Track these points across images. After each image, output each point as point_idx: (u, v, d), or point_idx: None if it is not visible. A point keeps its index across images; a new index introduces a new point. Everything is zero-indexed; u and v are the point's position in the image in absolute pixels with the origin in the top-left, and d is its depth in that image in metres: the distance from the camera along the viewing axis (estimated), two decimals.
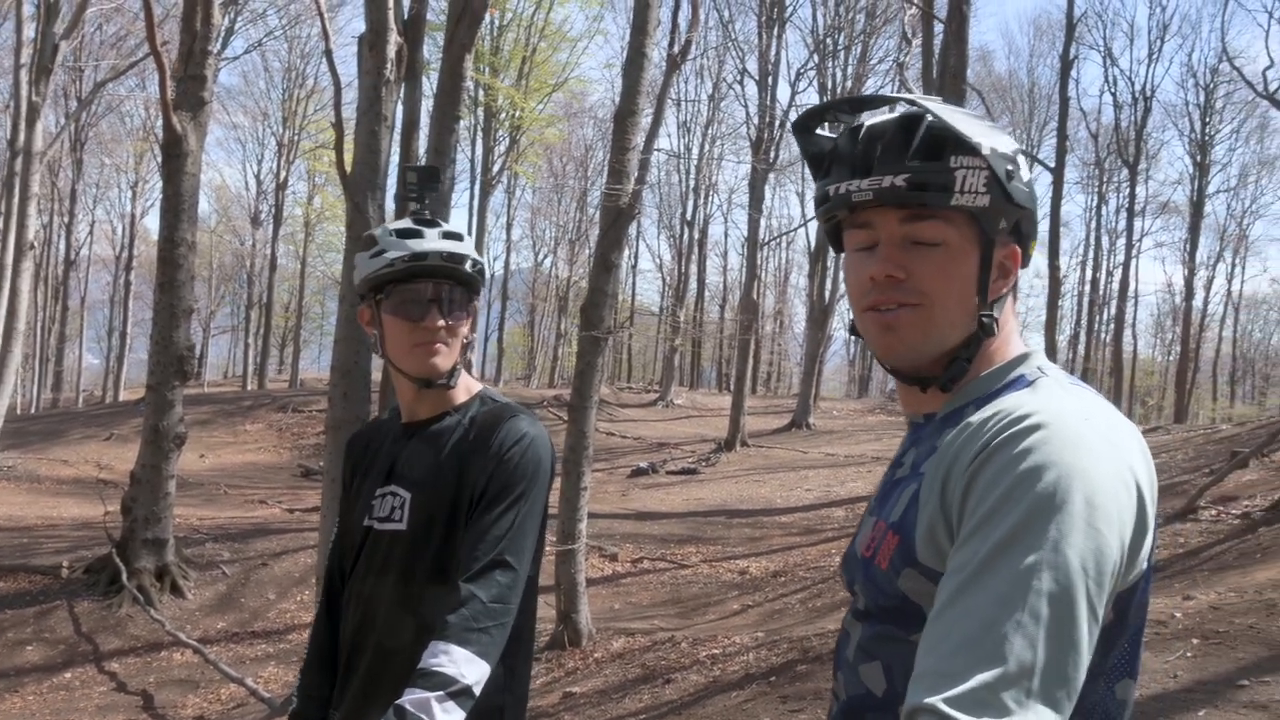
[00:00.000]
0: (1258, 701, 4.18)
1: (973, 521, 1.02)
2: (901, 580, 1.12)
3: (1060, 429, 1.03)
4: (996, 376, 1.20)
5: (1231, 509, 10.34)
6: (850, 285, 1.23)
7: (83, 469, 20.47)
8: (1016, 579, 0.96)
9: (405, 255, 1.90)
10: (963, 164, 1.15)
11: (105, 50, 29.36)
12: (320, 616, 2.10)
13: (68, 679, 9.09)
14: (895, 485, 1.21)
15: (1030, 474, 1.00)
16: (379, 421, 2.21)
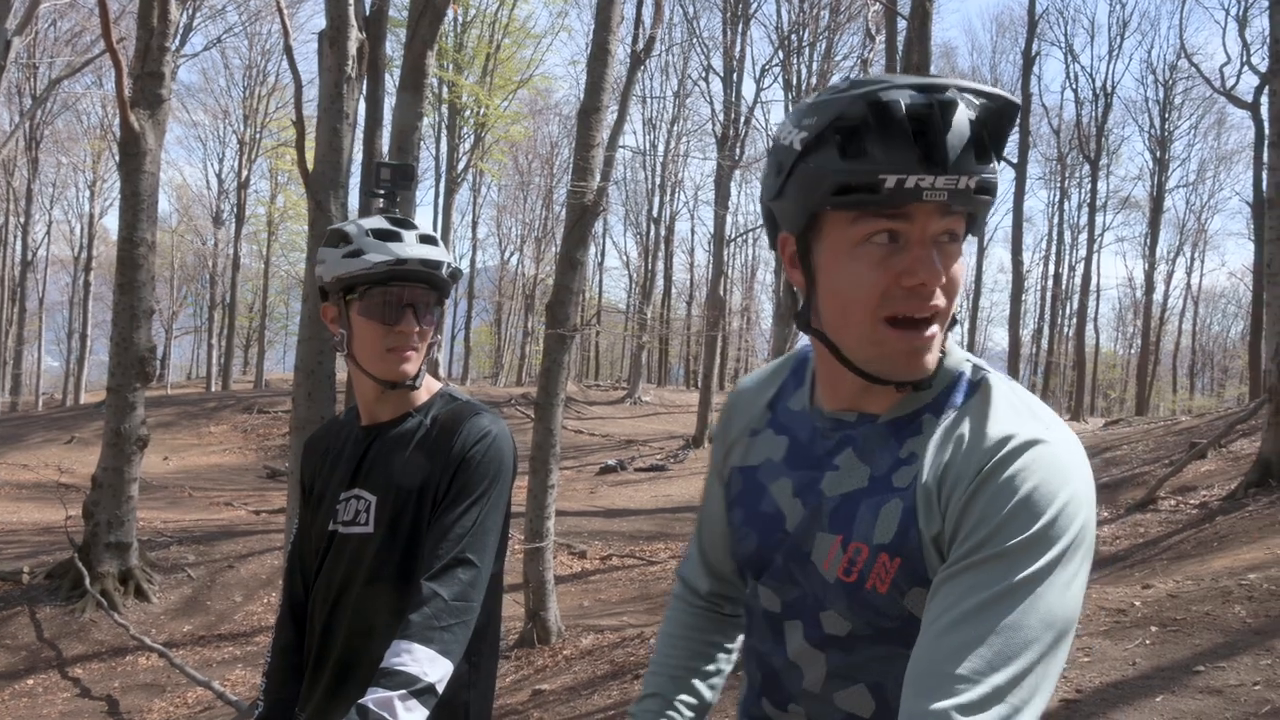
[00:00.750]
0: (1213, 687, 4.26)
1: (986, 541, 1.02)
2: (908, 599, 1.10)
3: (1063, 459, 1.04)
4: (941, 377, 1.15)
5: (1190, 499, 10.53)
6: (862, 284, 1.08)
7: (43, 473, 20.15)
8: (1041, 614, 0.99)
9: (390, 260, 1.87)
10: (988, 169, 1.07)
11: (60, 47, 28.88)
12: (283, 620, 2.09)
13: (30, 685, 8.96)
14: (854, 500, 1.15)
15: (1042, 501, 1.01)
16: (336, 422, 2.18)
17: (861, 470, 1.15)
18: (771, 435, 1.28)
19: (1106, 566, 8.98)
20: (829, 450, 1.19)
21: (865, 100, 1.03)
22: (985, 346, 52.63)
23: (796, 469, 1.22)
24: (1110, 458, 15.54)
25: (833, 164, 1.05)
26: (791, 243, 1.14)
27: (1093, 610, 5.83)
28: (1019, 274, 25.85)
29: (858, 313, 1.09)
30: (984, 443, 1.06)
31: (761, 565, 1.24)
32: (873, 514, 1.12)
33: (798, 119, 1.10)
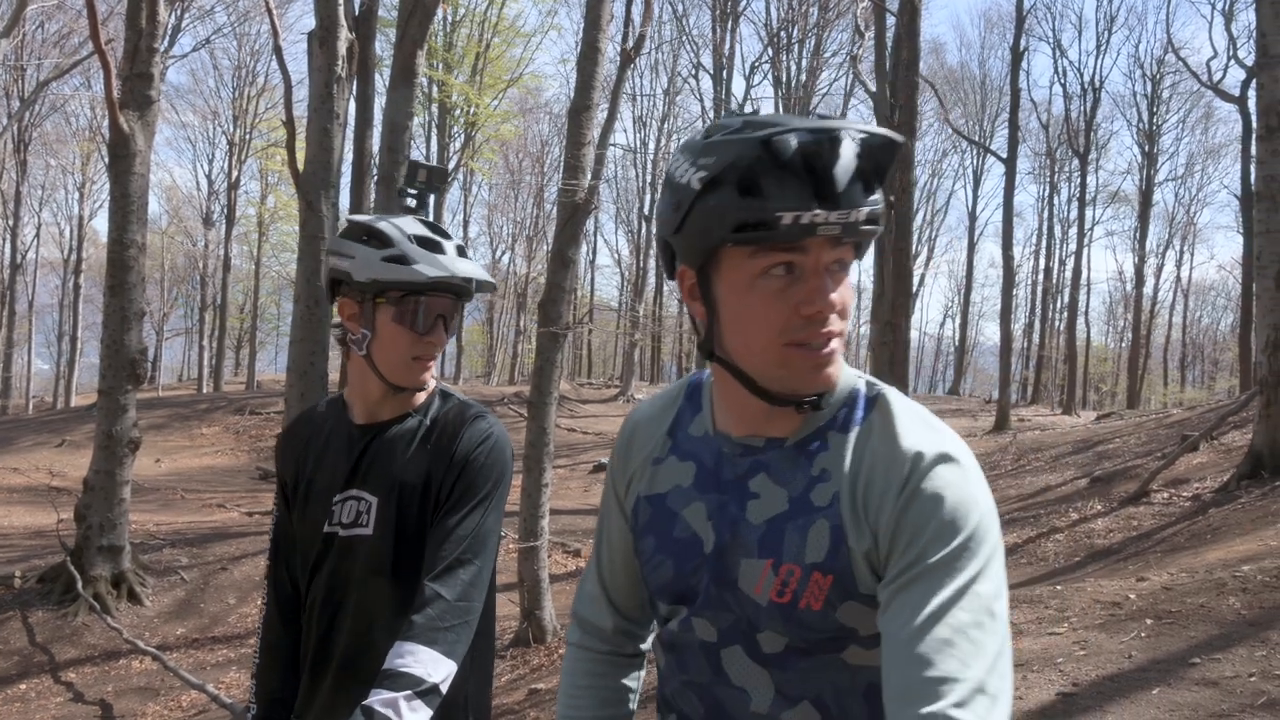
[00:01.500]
0: (1209, 679, 4.27)
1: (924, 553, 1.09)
2: (840, 613, 1.16)
3: (969, 470, 1.14)
4: (834, 400, 1.21)
5: (1183, 492, 10.56)
6: (764, 317, 1.14)
7: (34, 476, 20.06)
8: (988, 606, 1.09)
9: (445, 275, 1.85)
10: (874, 200, 1.12)
11: (48, 49, 28.74)
12: (271, 620, 2.05)
13: (23, 690, 8.92)
14: (779, 524, 1.19)
15: (963, 513, 1.10)
16: (312, 416, 2.12)
17: (780, 494, 1.20)
18: (676, 462, 1.31)
19: (1100, 560, 9.01)
20: (740, 475, 1.23)
21: (760, 142, 1.08)
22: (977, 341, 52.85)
23: (706, 493, 1.26)
24: (1102, 451, 15.59)
25: (732, 202, 1.10)
26: (690, 275, 1.19)
27: (1088, 604, 5.84)
28: (1009, 268, 25.86)
29: (761, 340, 1.15)
30: (899, 460, 1.13)
31: (680, 592, 1.27)
32: (801, 535, 1.17)
33: (693, 158, 1.14)
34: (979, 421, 25.43)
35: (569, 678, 1.48)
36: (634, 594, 1.42)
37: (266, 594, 2.08)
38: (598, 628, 1.47)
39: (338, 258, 1.92)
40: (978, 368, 56.05)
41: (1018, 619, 5.75)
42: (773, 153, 1.08)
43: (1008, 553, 10.34)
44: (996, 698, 1.04)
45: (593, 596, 1.47)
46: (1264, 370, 9.62)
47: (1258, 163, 10.09)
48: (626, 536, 1.38)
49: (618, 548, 1.41)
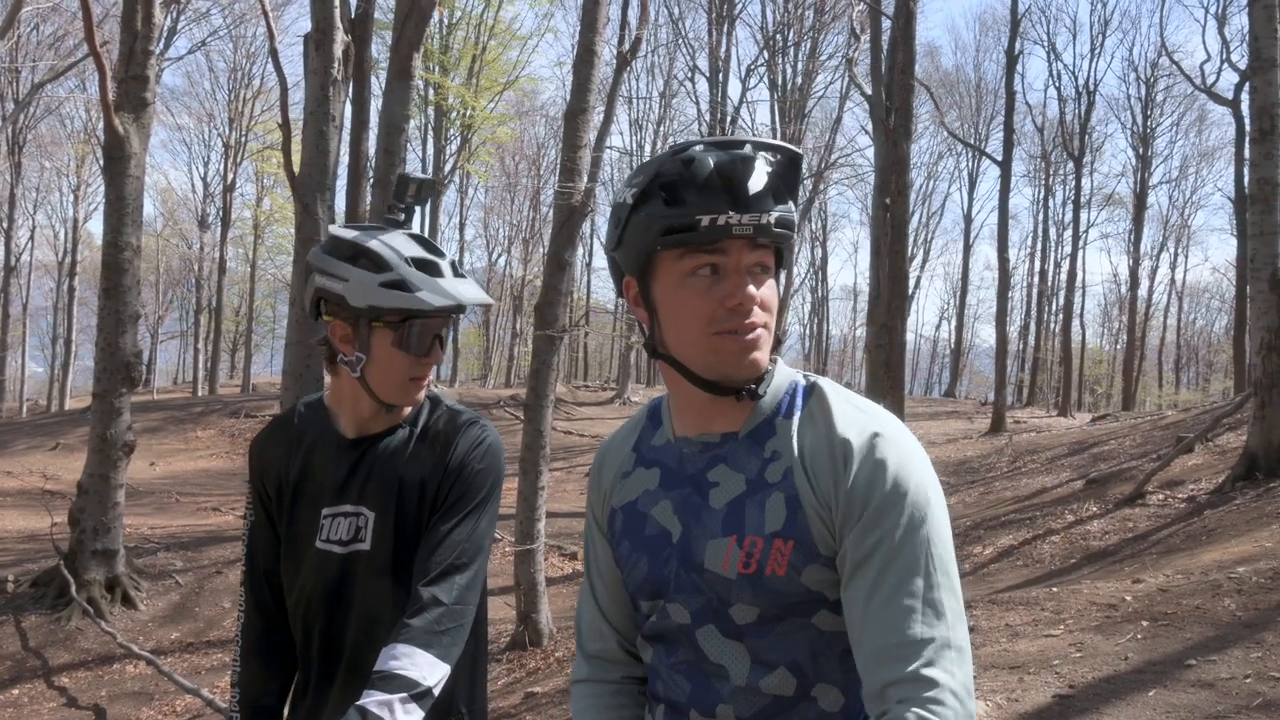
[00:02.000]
0: (1205, 680, 4.28)
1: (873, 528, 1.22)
2: (804, 576, 1.26)
3: (902, 443, 1.26)
4: (776, 391, 1.35)
5: (1178, 493, 10.57)
6: (694, 310, 1.28)
7: (28, 480, 20.00)
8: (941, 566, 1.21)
9: (450, 305, 1.82)
10: (785, 208, 1.28)
11: (43, 51, 28.67)
12: (251, 627, 2.02)
13: (16, 695, 8.89)
14: (739, 503, 1.30)
15: (903, 481, 1.23)
16: (290, 422, 2.05)
17: (737, 478, 1.32)
18: (642, 471, 1.42)
19: (1096, 562, 9.01)
20: (700, 469, 1.35)
21: (680, 159, 1.27)
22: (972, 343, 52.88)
23: (672, 490, 1.37)
24: (1098, 453, 15.61)
25: (659, 211, 1.27)
26: (634, 284, 1.35)
27: (1084, 605, 5.85)
28: (1005, 271, 25.91)
29: (693, 332, 1.29)
30: (837, 443, 1.26)
31: (656, 584, 1.37)
32: (759, 509, 1.28)
33: (629, 181, 1.32)
34: (975, 423, 25.45)
35: (582, 715, 1.50)
36: (629, 615, 1.47)
37: (244, 601, 2.03)
38: (602, 657, 1.51)
39: (327, 278, 1.85)
40: (973, 370, 56.11)
41: (1014, 621, 5.75)
42: (692, 170, 1.25)
43: (1003, 555, 10.35)
44: (962, 649, 1.18)
45: (592, 626, 1.52)
46: (1258, 372, 9.63)
47: (1251, 165, 10.11)
48: (608, 553, 1.47)
49: (606, 572, 1.50)
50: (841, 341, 54.29)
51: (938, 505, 1.24)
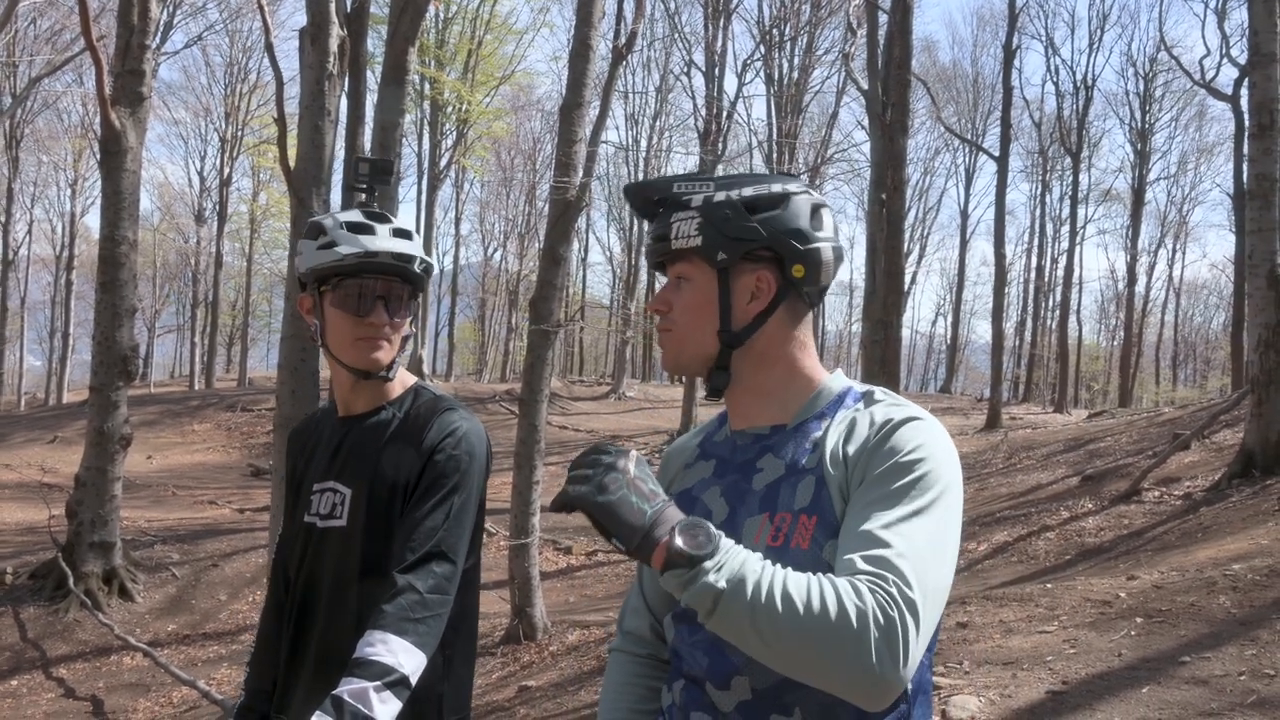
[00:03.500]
0: (1199, 677, 4.29)
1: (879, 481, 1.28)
2: (825, 551, 1.30)
3: (934, 428, 1.34)
4: (829, 392, 1.45)
5: (1174, 490, 10.60)
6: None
7: (26, 473, 19.99)
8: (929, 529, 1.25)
9: (359, 252, 1.89)
10: (678, 217, 1.43)
11: (40, 45, 28.60)
12: (267, 611, 2.10)
13: (14, 686, 8.90)
14: (776, 485, 1.39)
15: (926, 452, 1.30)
16: (317, 414, 2.19)
17: (779, 464, 1.41)
18: (702, 463, 1.54)
19: (1091, 558, 9.03)
20: (750, 458, 1.45)
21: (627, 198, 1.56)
22: (969, 339, 52.91)
23: (723, 477, 1.47)
24: (1094, 449, 15.63)
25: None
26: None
27: (1078, 602, 5.86)
28: (1001, 267, 25.91)
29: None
30: (874, 423, 1.35)
31: None
32: (792, 489, 1.37)
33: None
34: (970, 420, 25.48)
35: (611, 678, 1.64)
36: (667, 600, 1.56)
37: (268, 586, 2.12)
38: (635, 634, 1.64)
39: (296, 257, 2.00)
40: (969, 366, 56.16)
41: (1008, 617, 5.76)
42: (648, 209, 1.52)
43: (998, 551, 10.37)
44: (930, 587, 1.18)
45: (635, 608, 1.65)
46: (1256, 369, 9.65)
47: (1250, 161, 10.12)
48: None
49: None
50: (837, 337, 54.32)
51: (946, 485, 1.29)
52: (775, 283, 1.42)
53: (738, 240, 1.40)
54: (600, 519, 1.24)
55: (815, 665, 1.14)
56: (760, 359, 1.44)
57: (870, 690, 1.13)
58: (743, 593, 1.15)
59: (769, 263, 1.42)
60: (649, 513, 1.23)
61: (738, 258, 1.41)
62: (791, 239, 1.41)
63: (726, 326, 1.43)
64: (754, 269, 1.42)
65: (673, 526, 1.21)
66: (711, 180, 1.45)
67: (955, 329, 43.94)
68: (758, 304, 1.43)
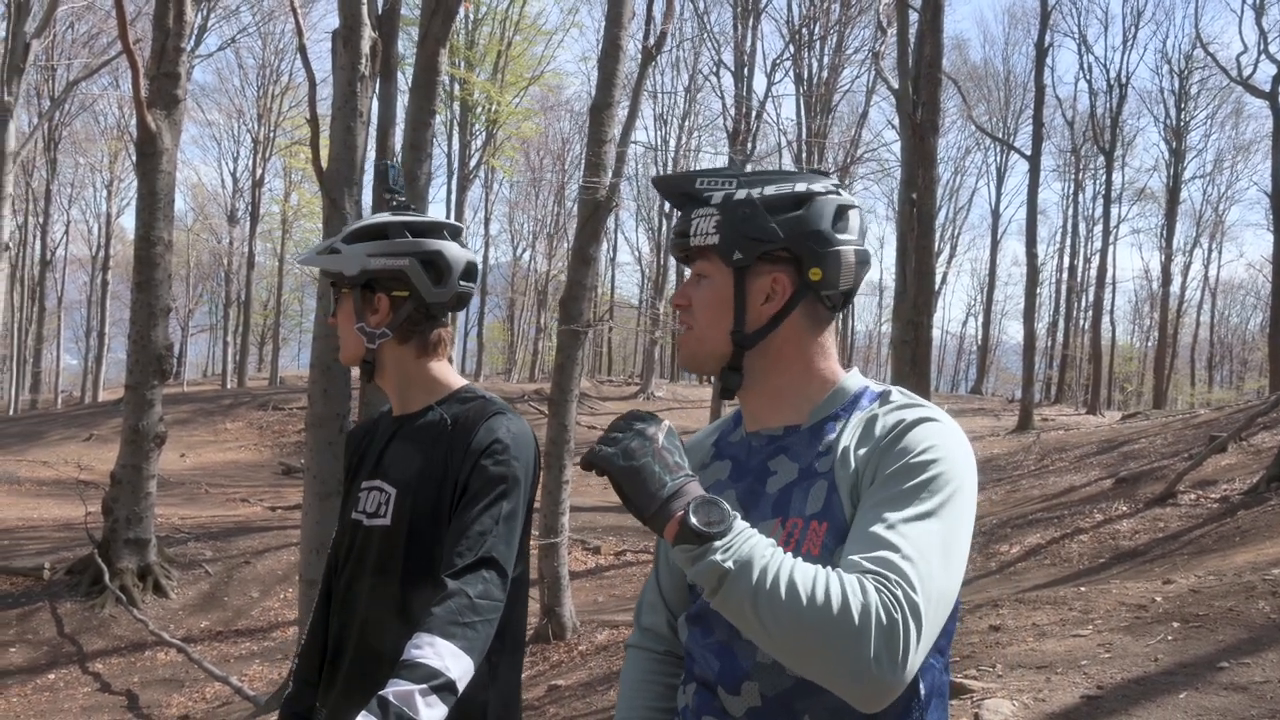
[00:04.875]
0: (1237, 683, 4.22)
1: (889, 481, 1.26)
2: (835, 557, 1.28)
3: (947, 426, 1.33)
4: (845, 392, 1.43)
5: (1210, 493, 10.45)
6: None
7: (63, 470, 20.30)
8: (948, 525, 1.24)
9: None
10: (698, 214, 1.42)
11: (77, 49, 29.01)
12: (319, 604, 2.12)
13: (52, 680, 9.04)
14: (789, 489, 1.38)
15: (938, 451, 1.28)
16: (377, 415, 2.21)
17: (792, 467, 1.40)
18: (718, 463, 1.52)
19: (1126, 561, 8.93)
20: (764, 459, 1.44)
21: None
22: (1000, 340, 52.46)
23: (738, 481, 1.46)
24: (1128, 451, 15.45)
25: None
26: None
27: (1113, 606, 5.79)
28: (1033, 267, 25.66)
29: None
30: (887, 423, 1.34)
31: None
32: (804, 494, 1.36)
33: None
34: (1002, 421, 25.26)
35: (629, 674, 1.64)
36: (684, 598, 1.59)
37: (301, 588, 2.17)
38: (653, 630, 1.64)
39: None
40: (1000, 367, 55.66)
41: (1041, 620, 5.71)
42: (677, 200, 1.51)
43: (1030, 553, 10.27)
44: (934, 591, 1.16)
45: (652, 604, 1.65)
46: None
47: None
48: None
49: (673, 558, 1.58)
50: (867, 337, 54.02)
51: (967, 489, 1.28)
52: (791, 284, 1.40)
53: (755, 240, 1.39)
54: (621, 483, 1.25)
55: (813, 657, 1.14)
56: (775, 360, 1.43)
57: (865, 689, 1.12)
58: (748, 575, 1.15)
59: (787, 264, 1.40)
60: (669, 484, 1.23)
61: (754, 257, 1.40)
62: (810, 241, 1.39)
63: (739, 327, 1.41)
64: (770, 270, 1.40)
65: (689, 501, 1.21)
66: (735, 177, 1.43)
67: (986, 329, 43.58)
68: (772, 305, 1.41)
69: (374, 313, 1.99)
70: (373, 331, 2.00)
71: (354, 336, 2.02)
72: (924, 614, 1.14)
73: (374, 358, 2.03)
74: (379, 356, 2.02)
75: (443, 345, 2.06)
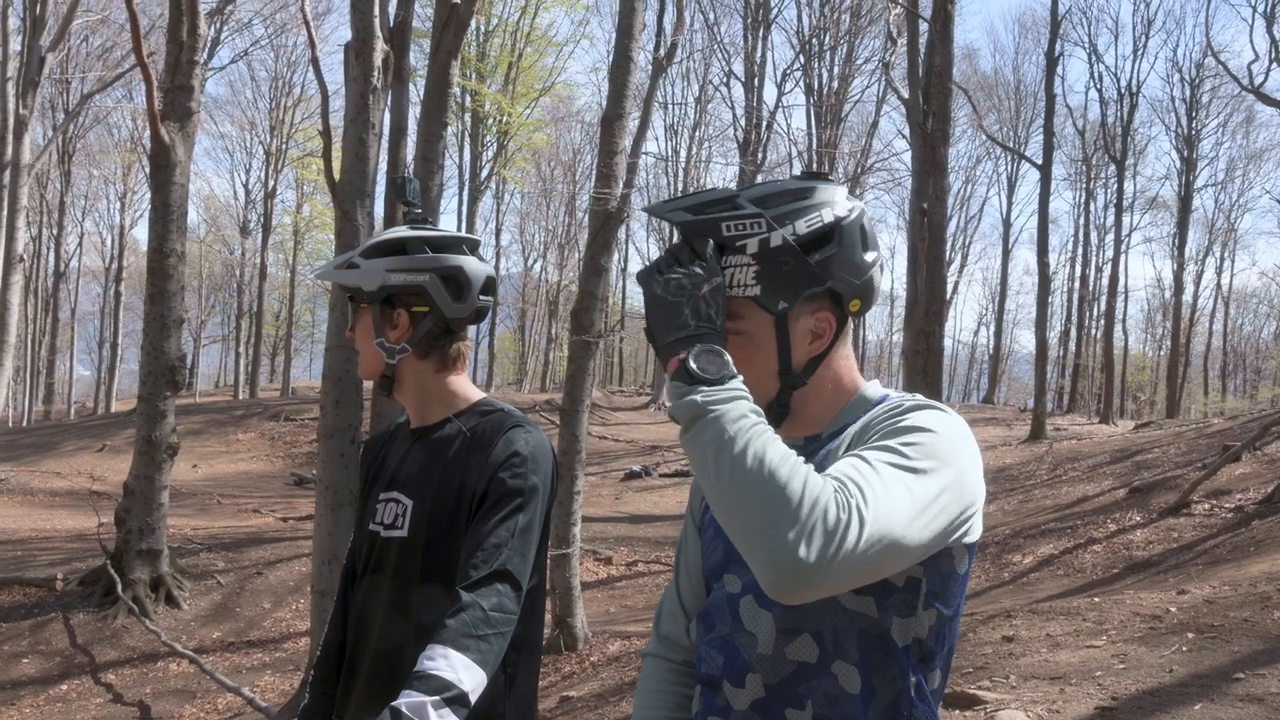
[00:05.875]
0: (1254, 694, 4.19)
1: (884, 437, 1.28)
2: None
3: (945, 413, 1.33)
4: (866, 401, 1.44)
5: (1224, 503, 10.39)
6: None
7: (76, 481, 20.39)
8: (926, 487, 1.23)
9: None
10: (732, 263, 1.37)
11: (92, 62, 29.27)
12: (335, 616, 2.12)
13: (64, 691, 9.06)
14: None
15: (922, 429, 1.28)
16: (391, 427, 2.21)
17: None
18: None
19: (1139, 572, 8.87)
20: None
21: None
22: (1012, 349, 52.28)
23: None
24: (1141, 461, 15.37)
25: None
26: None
27: (1127, 616, 5.76)
28: (1045, 276, 25.56)
29: None
30: (892, 405, 1.36)
31: (726, 565, 1.46)
32: None
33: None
34: (1014, 430, 25.16)
35: (645, 683, 1.64)
36: (703, 596, 1.58)
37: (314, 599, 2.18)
38: (671, 638, 1.64)
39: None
40: (1012, 376, 55.44)
41: (1055, 631, 5.68)
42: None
43: (1043, 564, 10.22)
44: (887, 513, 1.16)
45: (671, 612, 1.64)
46: None
47: None
48: (697, 546, 1.58)
49: (692, 563, 1.60)
50: (878, 347, 53.90)
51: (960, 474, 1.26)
52: (835, 319, 1.40)
53: (799, 286, 1.37)
54: (650, 309, 1.32)
55: (750, 516, 1.14)
56: (814, 386, 1.43)
57: (785, 573, 1.12)
58: (720, 424, 1.19)
59: (825, 298, 1.39)
60: (690, 329, 1.28)
61: (798, 302, 1.38)
62: (850, 274, 1.39)
63: (787, 368, 1.40)
64: (812, 309, 1.39)
65: (698, 347, 1.26)
66: (761, 217, 1.36)
67: (998, 339, 43.44)
68: (820, 344, 1.41)
69: (394, 328, 1.99)
70: (392, 347, 1.99)
71: (373, 352, 2.01)
72: (868, 533, 1.14)
73: (393, 373, 2.02)
74: (398, 371, 2.02)
75: (462, 360, 2.06)
